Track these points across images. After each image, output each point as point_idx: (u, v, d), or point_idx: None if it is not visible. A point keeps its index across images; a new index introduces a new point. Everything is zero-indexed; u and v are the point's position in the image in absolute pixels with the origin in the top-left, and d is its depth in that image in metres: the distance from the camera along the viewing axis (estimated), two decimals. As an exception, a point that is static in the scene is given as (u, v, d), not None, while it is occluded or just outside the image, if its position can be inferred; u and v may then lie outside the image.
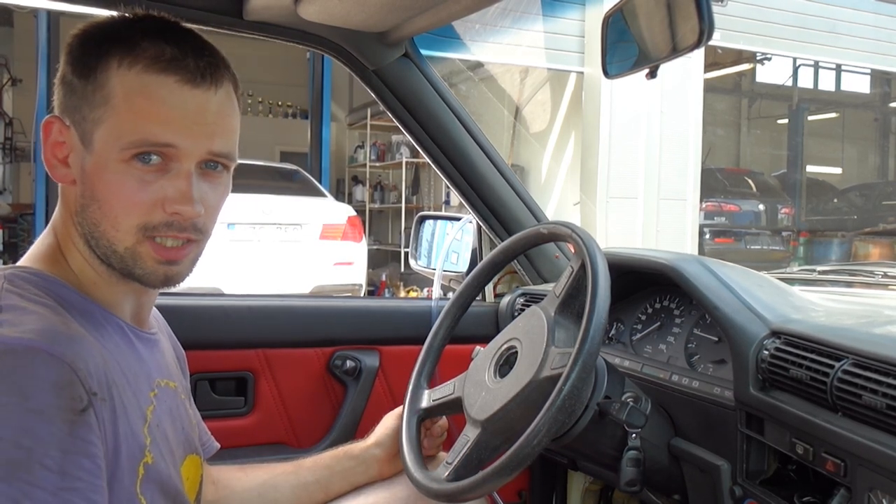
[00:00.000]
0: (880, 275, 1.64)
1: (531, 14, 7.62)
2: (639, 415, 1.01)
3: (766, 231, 9.58)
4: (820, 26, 8.73)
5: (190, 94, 0.78)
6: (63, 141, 0.80)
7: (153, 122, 0.77)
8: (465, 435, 1.01)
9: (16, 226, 8.24)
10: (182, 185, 0.78)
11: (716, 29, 1.00)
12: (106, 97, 0.77)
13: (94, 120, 0.77)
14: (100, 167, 0.77)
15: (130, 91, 0.77)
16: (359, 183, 10.26)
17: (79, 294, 0.79)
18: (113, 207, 0.78)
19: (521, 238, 1.16)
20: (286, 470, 1.11)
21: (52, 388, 0.66)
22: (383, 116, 7.73)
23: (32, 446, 0.64)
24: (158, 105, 0.77)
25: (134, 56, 0.77)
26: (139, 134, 0.76)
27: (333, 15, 1.28)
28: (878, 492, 0.78)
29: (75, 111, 0.79)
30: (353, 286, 6.18)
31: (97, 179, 0.78)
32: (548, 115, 8.51)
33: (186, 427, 0.91)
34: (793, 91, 11.59)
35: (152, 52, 0.77)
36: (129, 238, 0.78)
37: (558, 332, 0.99)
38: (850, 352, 0.85)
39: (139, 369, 0.82)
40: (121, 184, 0.77)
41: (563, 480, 1.53)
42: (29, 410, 0.65)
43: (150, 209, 0.78)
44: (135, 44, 0.78)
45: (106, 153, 0.77)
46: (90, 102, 0.78)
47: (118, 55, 0.77)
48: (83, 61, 0.78)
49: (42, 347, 0.67)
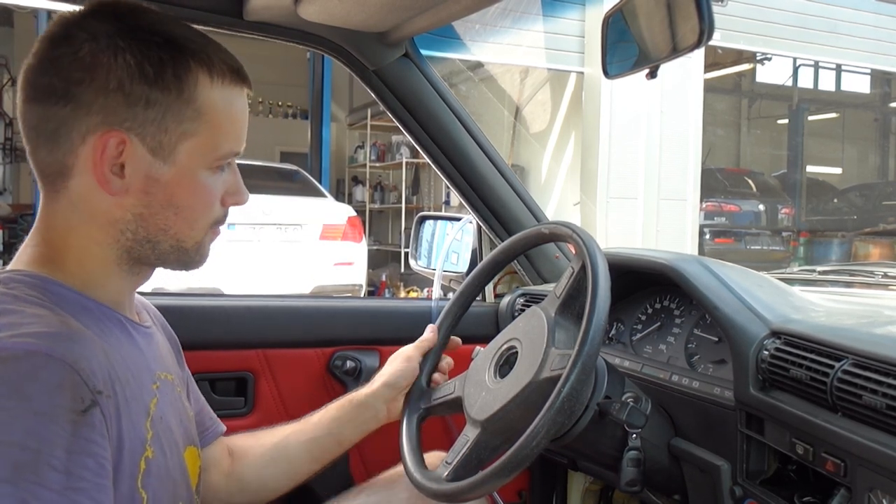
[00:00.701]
0: (880, 275, 1.64)
1: (531, 14, 7.62)
2: (639, 415, 1.01)
3: (767, 231, 9.58)
4: (820, 26, 8.73)
5: (246, 98, 0.85)
6: (119, 152, 0.77)
7: (238, 134, 0.83)
8: (465, 435, 1.01)
9: (16, 226, 8.24)
10: (237, 181, 0.86)
11: (716, 29, 1.00)
12: (198, 111, 0.79)
13: (183, 133, 0.78)
14: (183, 177, 0.80)
15: (224, 106, 0.81)
16: (359, 183, 10.26)
17: (76, 292, 0.79)
18: (194, 211, 0.82)
19: (522, 238, 1.16)
20: (295, 429, 1.12)
21: (55, 390, 0.66)
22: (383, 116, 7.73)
23: (38, 448, 0.64)
24: (241, 117, 0.84)
25: (218, 70, 0.80)
26: (231, 146, 0.83)
27: (333, 15, 1.28)
28: (878, 492, 0.78)
29: (150, 123, 0.77)
30: (354, 286, 6.18)
31: (178, 188, 0.80)
32: (548, 116, 8.51)
33: (184, 419, 0.91)
34: (793, 91, 11.59)
35: (224, 64, 0.81)
36: (200, 234, 0.84)
37: (558, 333, 0.99)
38: (850, 352, 0.85)
39: (141, 362, 0.82)
40: (205, 190, 0.82)
41: (563, 480, 1.53)
42: (33, 413, 0.65)
43: (216, 206, 0.85)
44: (206, 55, 0.80)
45: (194, 164, 0.80)
46: (179, 115, 0.78)
47: (204, 70, 0.79)
48: (159, 73, 0.76)
49: (42, 350, 0.67)
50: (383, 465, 1.26)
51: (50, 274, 0.78)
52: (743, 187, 9.94)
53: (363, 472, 1.50)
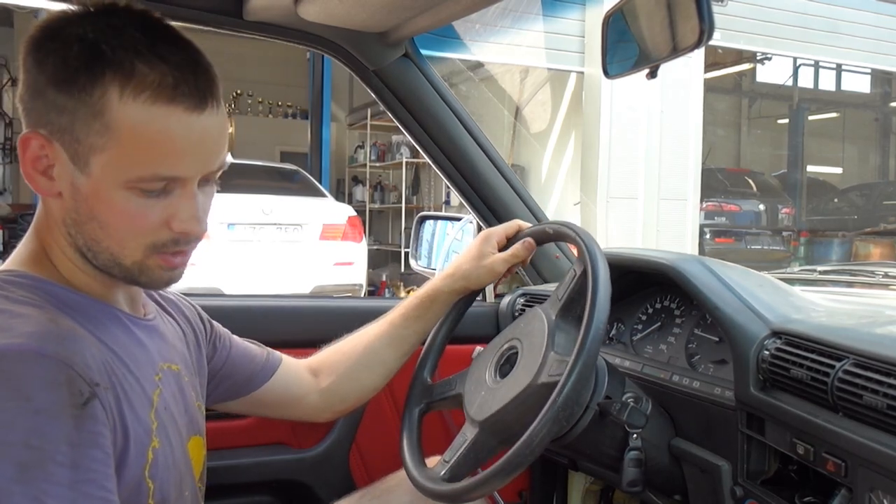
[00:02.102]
0: (881, 275, 1.64)
1: (531, 14, 7.62)
2: (639, 415, 1.01)
3: (767, 231, 9.58)
4: (820, 26, 8.73)
5: (196, 120, 0.75)
6: (45, 154, 0.76)
7: (163, 158, 0.74)
8: (463, 434, 1.02)
9: (16, 226, 8.24)
10: (188, 207, 0.78)
11: (716, 29, 1.00)
12: (107, 126, 0.73)
13: (92, 146, 0.74)
14: (98, 191, 0.75)
15: (137, 124, 0.73)
16: (359, 183, 10.26)
17: (69, 290, 0.79)
18: (118, 230, 0.77)
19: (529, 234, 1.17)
20: (377, 332, 1.20)
21: (51, 387, 0.67)
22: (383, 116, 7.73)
23: (42, 445, 0.65)
24: (167, 139, 0.74)
25: (136, 84, 0.72)
26: (148, 170, 0.74)
27: (333, 15, 1.28)
28: (878, 492, 0.78)
29: (64, 131, 0.74)
30: (354, 286, 6.19)
31: (96, 201, 0.76)
32: (548, 115, 8.51)
33: (190, 409, 0.92)
34: (793, 91, 11.60)
35: (154, 79, 0.73)
36: (136, 254, 0.78)
37: (558, 337, 0.99)
38: (851, 352, 0.84)
39: (141, 355, 0.83)
40: (124, 209, 0.76)
41: (563, 481, 1.53)
42: (33, 411, 0.65)
43: (157, 229, 0.78)
44: (131, 67, 0.72)
45: (106, 179, 0.74)
46: (86, 127, 0.73)
47: (118, 82, 0.72)
48: (71, 79, 0.73)
49: (33, 349, 0.68)
50: (383, 466, 1.27)
51: (40, 272, 0.79)
52: (743, 187, 9.94)
53: (364, 474, 1.50)
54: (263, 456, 1.44)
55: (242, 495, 1.42)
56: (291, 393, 1.16)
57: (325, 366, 1.19)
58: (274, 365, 1.14)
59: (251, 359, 1.12)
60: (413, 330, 1.19)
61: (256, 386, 1.12)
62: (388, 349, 1.19)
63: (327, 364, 1.19)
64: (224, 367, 1.08)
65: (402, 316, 1.19)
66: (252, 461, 1.43)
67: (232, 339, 1.12)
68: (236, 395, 1.11)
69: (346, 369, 1.18)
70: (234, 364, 1.10)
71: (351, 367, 1.18)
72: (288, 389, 1.15)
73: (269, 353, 1.15)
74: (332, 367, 1.19)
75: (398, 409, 1.50)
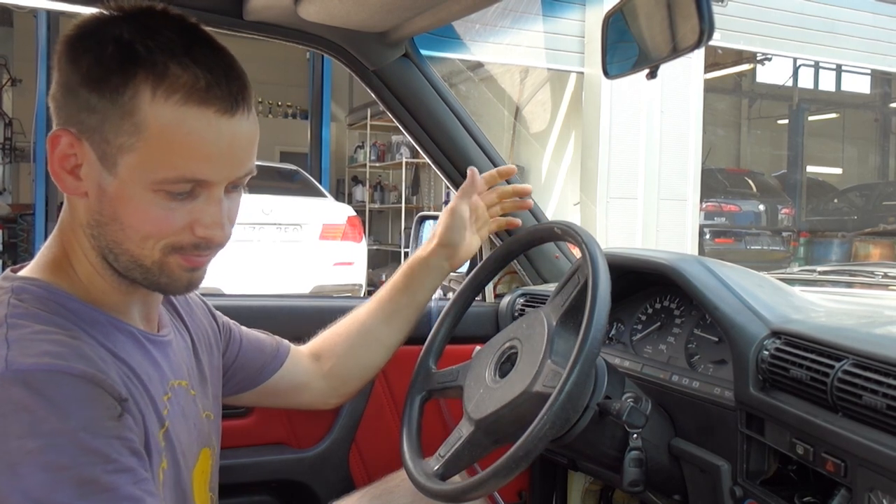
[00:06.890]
0: (881, 275, 1.64)
1: (531, 14, 7.62)
2: (639, 415, 1.01)
3: (767, 231, 9.58)
4: (820, 26, 8.73)
5: (226, 124, 0.75)
6: (73, 153, 0.76)
7: (191, 160, 0.74)
8: (459, 430, 1.03)
9: (16, 226, 8.23)
10: (213, 212, 0.78)
11: (716, 29, 1.00)
12: (137, 126, 0.72)
13: (121, 146, 0.73)
14: (124, 192, 0.75)
15: (167, 125, 0.72)
16: (359, 183, 10.26)
17: (87, 305, 0.78)
18: (139, 231, 0.76)
19: (524, 236, 1.17)
20: (369, 310, 1.22)
21: (86, 404, 0.68)
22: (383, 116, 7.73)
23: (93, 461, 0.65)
24: (196, 141, 0.73)
25: (168, 85, 0.72)
26: (176, 171, 0.74)
27: (333, 15, 1.28)
28: (878, 492, 0.78)
29: (94, 130, 0.74)
30: (353, 286, 6.18)
31: (120, 203, 0.75)
32: (548, 116, 8.51)
33: (198, 422, 0.92)
34: (793, 91, 11.60)
35: (186, 80, 0.73)
36: (156, 254, 0.78)
37: (557, 343, 0.99)
38: (851, 352, 0.84)
39: (154, 374, 0.82)
40: (148, 211, 0.75)
41: (563, 481, 1.53)
42: (74, 430, 0.66)
43: (179, 232, 0.77)
44: (165, 68, 0.72)
45: (133, 180, 0.74)
46: (116, 127, 0.73)
47: (150, 82, 0.72)
48: (104, 79, 0.73)
49: (61, 368, 0.68)
50: (383, 466, 1.27)
51: (59, 282, 0.78)
52: (743, 187, 9.94)
53: (363, 474, 1.50)
54: (263, 456, 1.44)
55: (242, 495, 1.42)
56: (299, 380, 1.17)
57: (325, 349, 1.21)
58: (284, 353, 1.16)
59: (261, 349, 1.14)
60: (403, 303, 1.21)
61: (268, 375, 1.13)
62: (383, 326, 1.21)
63: (327, 347, 1.21)
64: (237, 360, 1.10)
65: (389, 290, 1.22)
66: (252, 461, 1.43)
67: (241, 331, 1.13)
68: (250, 386, 1.13)
69: (344, 350, 1.20)
70: (245, 356, 1.11)
71: (350, 347, 1.20)
72: (296, 377, 1.17)
73: (279, 342, 1.17)
74: (331, 350, 1.20)
75: (398, 409, 1.50)
